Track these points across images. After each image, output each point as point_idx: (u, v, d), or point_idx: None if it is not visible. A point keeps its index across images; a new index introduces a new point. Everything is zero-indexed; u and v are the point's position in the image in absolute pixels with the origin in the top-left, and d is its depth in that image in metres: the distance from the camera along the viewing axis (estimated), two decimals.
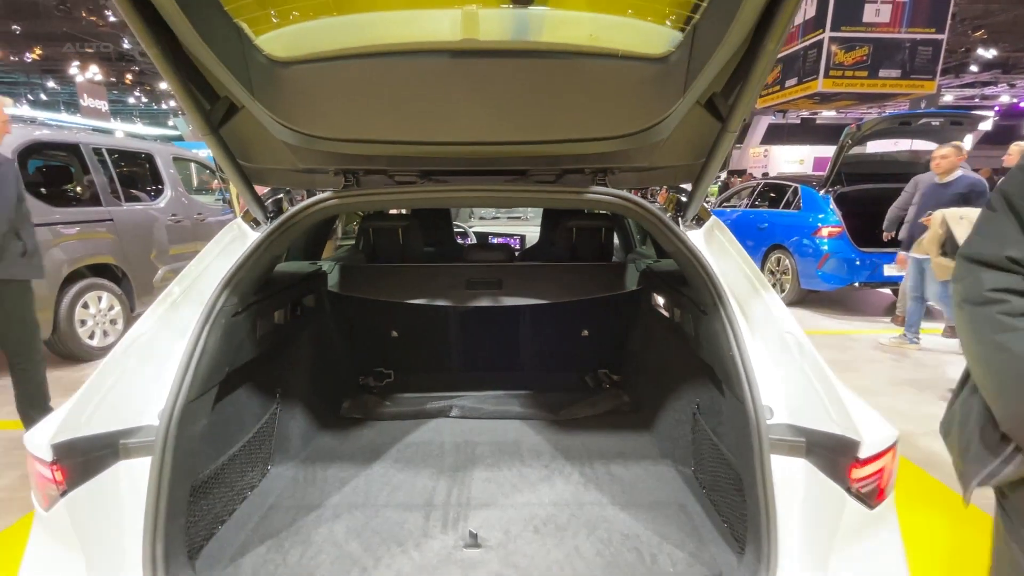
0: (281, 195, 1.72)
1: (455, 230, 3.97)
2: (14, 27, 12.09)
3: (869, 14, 10.10)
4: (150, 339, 1.28)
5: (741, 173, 15.11)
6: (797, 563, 1.09)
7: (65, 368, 4.00)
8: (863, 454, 1.03)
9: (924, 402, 3.43)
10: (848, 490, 1.05)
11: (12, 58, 14.57)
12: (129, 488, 1.14)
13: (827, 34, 10.11)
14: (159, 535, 1.11)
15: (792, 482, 1.12)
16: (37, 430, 1.11)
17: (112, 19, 11.89)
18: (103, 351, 4.14)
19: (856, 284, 5.51)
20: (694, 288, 1.51)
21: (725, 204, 8.19)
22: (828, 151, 11.47)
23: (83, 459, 1.10)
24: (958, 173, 4.25)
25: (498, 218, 5.49)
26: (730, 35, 1.08)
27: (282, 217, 1.51)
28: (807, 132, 22.37)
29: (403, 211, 3.37)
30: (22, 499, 2.41)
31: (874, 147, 6.41)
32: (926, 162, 5.98)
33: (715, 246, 1.55)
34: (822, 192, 5.91)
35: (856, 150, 5.95)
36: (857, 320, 5.57)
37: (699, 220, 1.63)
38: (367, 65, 1.28)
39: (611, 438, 2.03)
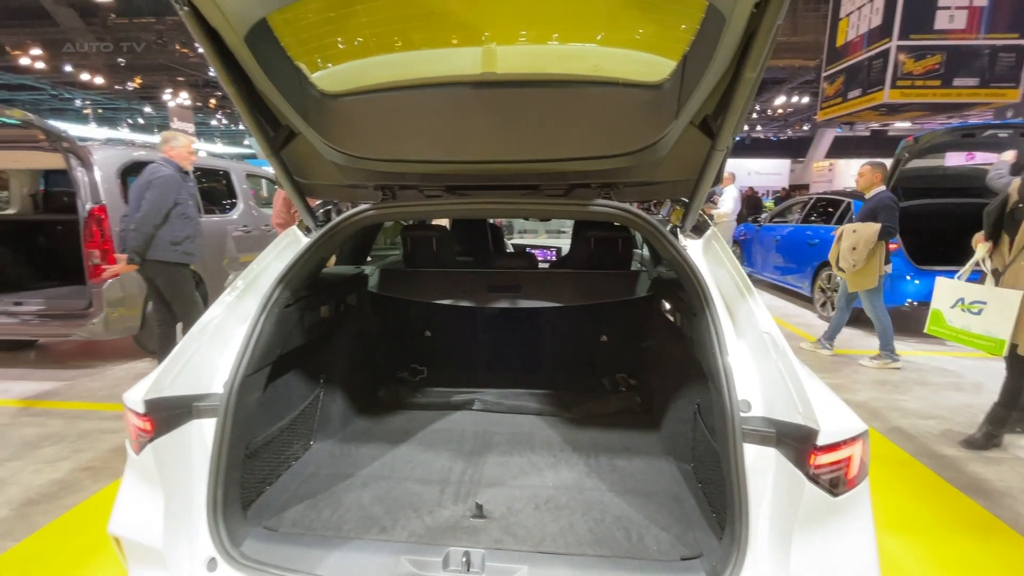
0: (330, 207, 1.99)
1: None
2: (119, 59, 13.67)
3: (942, 20, 9.50)
4: (219, 323, 1.55)
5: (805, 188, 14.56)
6: (765, 544, 1.18)
7: (150, 360, 4.51)
8: (821, 441, 1.11)
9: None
10: (808, 476, 1.13)
11: (116, 87, 16.40)
12: (199, 442, 1.39)
13: (894, 43, 9.58)
14: (220, 482, 1.36)
15: (764, 470, 1.21)
16: (133, 390, 1.39)
17: (200, 50, 13.15)
18: None
19: (912, 303, 5.21)
20: (687, 292, 1.63)
21: (777, 219, 7.99)
22: None
23: (166, 414, 1.36)
24: (878, 190, 4.38)
25: (536, 233, 5.69)
26: (714, 64, 1.22)
27: (328, 225, 1.77)
28: (877, 144, 21.11)
29: (443, 224, 3.63)
30: (113, 469, 2.78)
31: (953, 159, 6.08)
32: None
33: (711, 255, 1.66)
34: None
35: (921, 163, 5.66)
36: (912, 341, 5.19)
37: (699, 231, 1.75)
38: (401, 96, 1.51)
39: (619, 435, 2.15)
